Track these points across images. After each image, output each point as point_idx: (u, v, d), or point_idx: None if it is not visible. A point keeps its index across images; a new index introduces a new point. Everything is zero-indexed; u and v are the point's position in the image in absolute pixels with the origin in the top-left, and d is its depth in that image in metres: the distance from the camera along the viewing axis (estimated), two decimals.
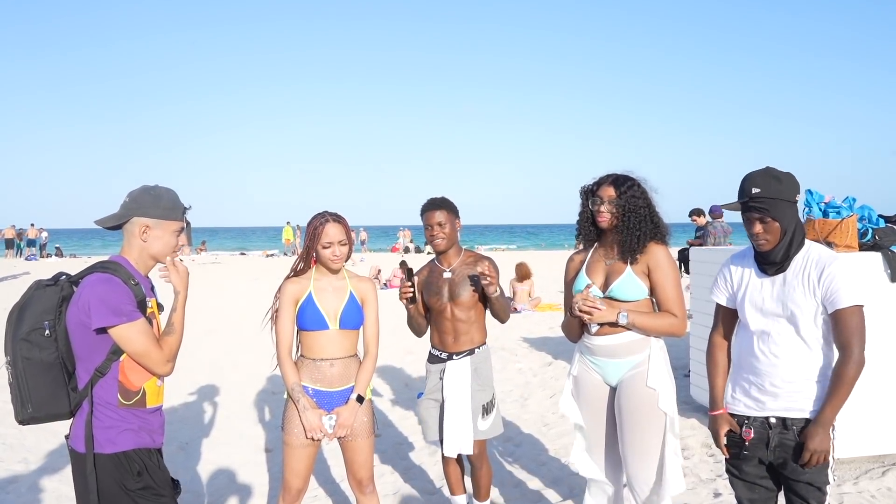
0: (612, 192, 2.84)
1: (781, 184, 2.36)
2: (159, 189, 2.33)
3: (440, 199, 3.37)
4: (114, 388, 2.20)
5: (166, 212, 2.30)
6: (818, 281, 2.34)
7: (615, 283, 2.84)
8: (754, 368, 2.49)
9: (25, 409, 2.18)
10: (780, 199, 2.34)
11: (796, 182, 2.41)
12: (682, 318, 2.83)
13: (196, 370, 7.68)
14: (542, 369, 7.57)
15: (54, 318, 2.16)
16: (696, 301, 5.55)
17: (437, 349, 3.42)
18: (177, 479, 2.41)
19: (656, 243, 2.86)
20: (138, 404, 2.25)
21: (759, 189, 2.35)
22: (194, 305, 13.37)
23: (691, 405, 5.72)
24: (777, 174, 2.38)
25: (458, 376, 3.31)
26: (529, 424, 5.56)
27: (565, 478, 4.34)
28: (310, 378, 2.96)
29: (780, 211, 2.34)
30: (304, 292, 2.96)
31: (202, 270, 22.76)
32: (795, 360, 2.40)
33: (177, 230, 2.35)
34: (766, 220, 2.35)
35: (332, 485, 4.33)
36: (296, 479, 2.97)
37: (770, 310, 2.45)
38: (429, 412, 3.44)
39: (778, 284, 2.44)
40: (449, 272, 3.36)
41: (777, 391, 2.42)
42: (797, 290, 2.38)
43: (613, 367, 2.89)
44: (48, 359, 2.17)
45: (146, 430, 2.28)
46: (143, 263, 2.32)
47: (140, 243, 2.28)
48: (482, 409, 3.33)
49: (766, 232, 2.37)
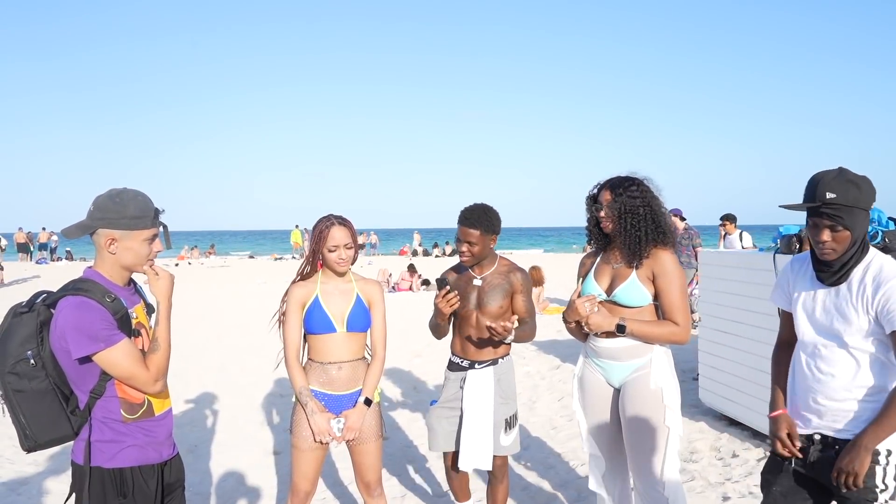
0: (609, 196, 2.83)
1: (860, 190, 2.13)
2: (125, 195, 2.15)
3: (478, 216, 3.14)
4: (115, 405, 2.15)
5: (133, 221, 2.14)
6: (873, 296, 2.15)
7: (619, 288, 2.83)
8: (803, 383, 2.34)
9: (28, 440, 2.13)
10: (856, 207, 2.12)
11: (874, 188, 2.19)
12: (684, 327, 2.80)
13: (204, 373, 7.71)
14: (550, 372, 7.56)
15: (37, 346, 2.07)
16: (705, 305, 5.53)
17: (458, 356, 3.28)
18: None
19: (662, 248, 2.82)
20: (145, 415, 2.20)
21: (835, 195, 2.12)
22: (203, 308, 13.49)
23: (700, 409, 5.69)
24: (855, 179, 2.15)
25: (479, 386, 3.17)
26: (537, 428, 5.55)
27: (573, 481, 4.34)
28: (318, 381, 2.97)
29: (854, 220, 2.13)
30: (310, 296, 2.97)
31: (211, 273, 22.85)
32: (843, 378, 2.23)
33: (148, 238, 2.19)
34: (837, 229, 2.14)
35: (341, 488, 4.33)
36: (304, 481, 2.98)
37: (821, 322, 2.27)
38: (439, 421, 3.28)
39: (832, 296, 2.25)
40: (479, 279, 3.23)
41: (822, 409, 2.27)
42: (849, 304, 2.20)
43: (616, 369, 2.89)
44: (39, 387, 2.09)
45: (152, 445, 2.23)
46: (117, 275, 2.20)
47: (109, 255, 2.16)
48: (505, 424, 3.21)
49: (835, 241, 2.16)
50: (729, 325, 5.11)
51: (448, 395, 3.29)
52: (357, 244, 3.00)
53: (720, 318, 5.29)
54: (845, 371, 2.22)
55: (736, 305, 4.99)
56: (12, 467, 4.68)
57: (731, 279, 5.10)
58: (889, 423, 2.11)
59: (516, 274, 3.23)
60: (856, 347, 2.19)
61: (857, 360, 2.20)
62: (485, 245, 3.16)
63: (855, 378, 2.20)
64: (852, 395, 2.21)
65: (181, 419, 5.91)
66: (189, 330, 10.78)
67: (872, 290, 2.14)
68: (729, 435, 5.11)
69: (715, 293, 5.39)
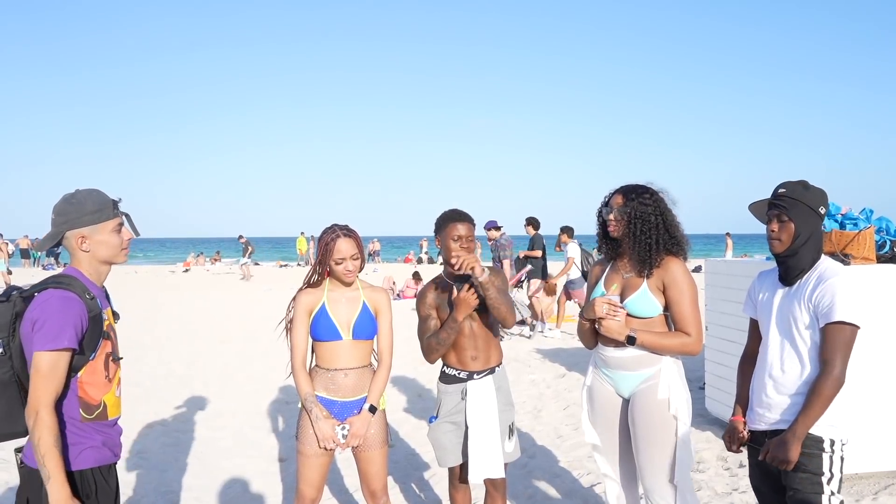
0: (621, 200, 2.81)
1: (807, 190, 2.44)
2: (79, 195, 2.21)
3: (465, 212, 3.17)
4: (75, 403, 2.15)
5: (95, 216, 2.19)
6: (812, 292, 2.38)
7: (629, 298, 2.80)
8: (757, 381, 2.56)
9: None
10: (801, 201, 2.41)
11: (824, 196, 2.47)
12: (696, 338, 2.77)
13: (210, 379, 7.73)
14: (556, 381, 7.54)
15: (8, 336, 2.10)
16: (710, 313, 5.52)
17: (455, 368, 3.17)
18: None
19: (673, 257, 2.79)
20: (100, 417, 2.21)
21: (785, 190, 2.45)
22: (209, 314, 13.52)
23: (706, 418, 5.67)
24: (806, 183, 2.47)
25: (482, 396, 3.13)
26: (543, 436, 5.53)
27: (579, 490, 4.32)
28: (324, 388, 2.97)
29: (799, 214, 2.41)
30: (317, 303, 2.98)
31: (216, 280, 22.91)
32: (788, 373, 2.44)
33: (114, 228, 2.23)
34: (782, 220, 2.42)
35: (346, 495, 4.33)
36: (309, 488, 2.98)
37: (773, 320, 2.52)
38: (447, 436, 3.17)
39: (784, 295, 2.49)
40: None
41: (770, 403, 2.49)
42: (795, 301, 2.43)
43: (625, 379, 2.87)
44: (2, 377, 2.10)
45: (108, 445, 2.24)
46: (95, 272, 2.24)
47: (84, 254, 2.20)
48: (509, 430, 3.19)
49: (781, 231, 2.43)
50: (735, 333, 5.09)
51: (449, 408, 3.19)
52: (363, 255, 3.00)
53: (726, 327, 5.28)
54: (790, 366, 2.44)
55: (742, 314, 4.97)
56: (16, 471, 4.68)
57: (737, 288, 5.09)
58: (815, 413, 2.32)
59: (497, 273, 3.08)
60: (799, 342, 2.42)
61: (798, 355, 2.43)
62: (473, 240, 3.15)
63: (797, 373, 2.42)
64: (794, 390, 2.43)
65: (186, 425, 5.92)
66: (194, 336, 10.81)
67: (814, 285, 2.39)
68: None
69: (721, 302, 5.38)
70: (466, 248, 3.07)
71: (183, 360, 8.90)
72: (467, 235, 3.08)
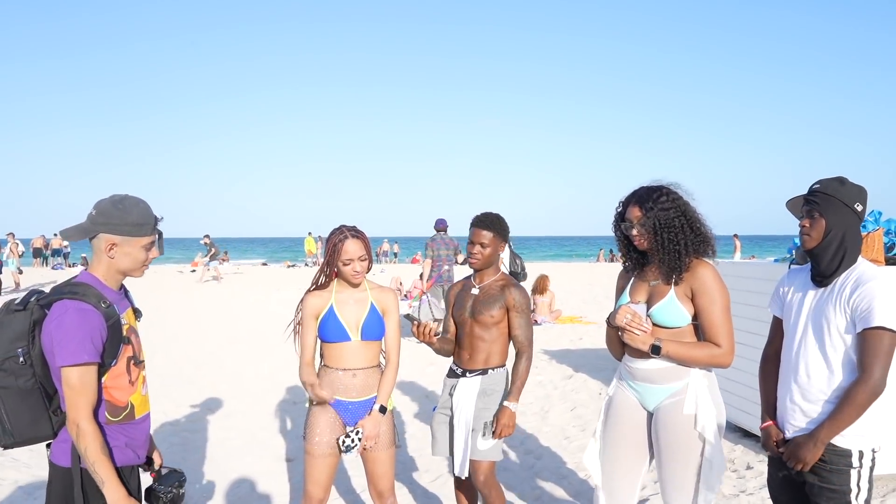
0: (639, 212, 2.61)
1: (843, 186, 2.36)
2: (128, 202, 2.20)
3: (491, 220, 3.24)
4: (101, 406, 2.16)
5: (135, 228, 2.19)
6: (850, 295, 2.28)
7: (655, 306, 2.61)
8: (784, 384, 2.47)
9: (7, 437, 2.14)
10: (835, 197, 2.34)
11: (861, 192, 2.37)
12: (727, 349, 2.56)
13: (218, 379, 7.76)
14: (563, 382, 7.54)
15: (28, 344, 2.09)
16: None
17: (455, 364, 3.35)
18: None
19: (702, 262, 2.60)
20: (127, 418, 2.23)
21: (819, 185, 2.39)
22: (217, 315, 13.57)
23: None
24: (843, 179, 2.39)
25: (466, 394, 3.23)
26: (549, 437, 5.54)
27: (586, 491, 4.32)
28: (335, 390, 2.99)
29: (831, 210, 2.34)
30: (325, 305, 3.00)
31: (225, 280, 22.99)
32: (813, 378, 2.36)
33: (146, 245, 2.24)
34: (814, 215, 2.36)
35: (353, 495, 4.35)
36: (317, 488, 3.00)
37: (803, 322, 2.41)
38: (439, 427, 3.35)
39: (818, 297, 2.40)
40: (477, 288, 3.29)
41: (795, 410, 2.40)
42: (829, 304, 2.33)
43: (652, 392, 2.67)
44: (25, 385, 2.10)
45: (132, 447, 2.26)
46: (112, 279, 2.23)
47: (107, 260, 2.19)
48: (484, 427, 3.16)
49: (812, 227, 2.37)
50: (744, 335, 5.07)
51: (442, 400, 3.38)
52: (371, 255, 3.02)
53: (735, 329, 5.25)
54: (819, 372, 2.35)
55: (751, 316, 4.96)
56: (29, 471, 4.73)
57: (746, 290, 5.08)
58: (844, 420, 2.25)
59: (511, 289, 3.21)
60: (830, 347, 2.33)
61: (828, 361, 2.34)
62: (494, 249, 3.26)
63: (827, 379, 2.34)
64: (822, 397, 2.34)
65: (195, 425, 5.95)
66: (203, 336, 10.86)
67: (852, 289, 2.29)
68: (743, 447, 5.08)
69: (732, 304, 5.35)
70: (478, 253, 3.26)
71: (192, 360, 8.94)
72: (482, 242, 3.24)
